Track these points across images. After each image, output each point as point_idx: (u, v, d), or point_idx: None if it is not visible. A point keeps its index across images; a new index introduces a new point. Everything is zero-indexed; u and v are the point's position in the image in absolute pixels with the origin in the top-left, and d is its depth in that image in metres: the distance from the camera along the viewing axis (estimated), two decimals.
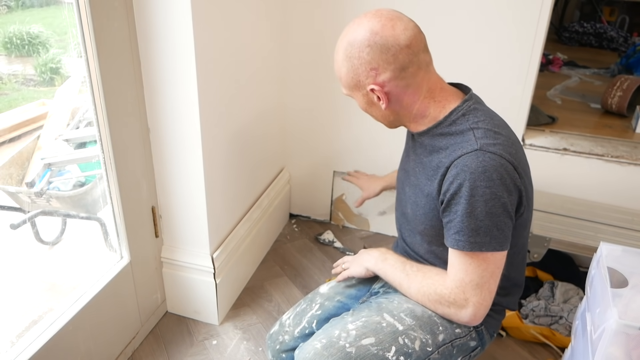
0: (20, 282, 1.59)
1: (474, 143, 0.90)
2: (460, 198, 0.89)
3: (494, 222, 0.89)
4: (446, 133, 0.95)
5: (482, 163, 0.87)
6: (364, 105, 0.99)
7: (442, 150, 0.94)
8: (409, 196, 1.05)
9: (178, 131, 1.35)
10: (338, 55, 0.95)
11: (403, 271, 1.02)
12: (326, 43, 1.84)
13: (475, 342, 1.05)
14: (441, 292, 0.95)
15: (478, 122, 0.93)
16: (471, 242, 0.89)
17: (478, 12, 1.62)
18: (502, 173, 0.88)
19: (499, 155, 0.88)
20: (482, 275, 0.91)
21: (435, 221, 0.98)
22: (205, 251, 1.52)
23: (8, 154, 1.67)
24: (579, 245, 1.58)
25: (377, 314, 1.00)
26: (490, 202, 0.87)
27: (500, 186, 0.87)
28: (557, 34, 3.61)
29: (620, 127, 1.90)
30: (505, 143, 0.91)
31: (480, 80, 1.71)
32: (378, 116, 1.00)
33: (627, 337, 0.91)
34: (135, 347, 1.49)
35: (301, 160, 2.11)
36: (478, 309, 0.92)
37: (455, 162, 0.90)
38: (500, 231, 0.90)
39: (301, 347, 1.01)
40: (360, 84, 0.94)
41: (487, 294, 0.92)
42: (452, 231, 0.91)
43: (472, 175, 0.87)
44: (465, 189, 0.88)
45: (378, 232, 2.12)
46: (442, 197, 0.93)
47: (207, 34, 1.28)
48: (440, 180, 0.93)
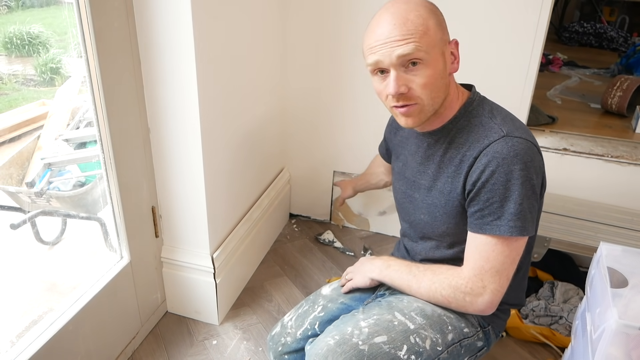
0: (20, 282, 1.59)
1: (499, 130, 0.92)
2: (495, 184, 0.89)
3: (528, 206, 0.90)
4: (464, 127, 0.96)
5: (513, 148, 0.89)
6: (438, 70, 0.90)
7: (463, 145, 0.96)
8: (422, 200, 1.05)
9: (178, 131, 1.35)
10: (417, 12, 0.88)
11: (409, 273, 1.01)
12: (326, 43, 1.84)
13: (482, 342, 1.05)
14: (456, 284, 0.94)
15: (493, 111, 0.97)
16: (511, 227, 0.89)
17: (478, 12, 1.62)
18: (532, 156, 0.90)
19: (525, 139, 0.91)
20: (504, 262, 0.91)
21: (458, 217, 0.98)
22: (205, 251, 1.52)
23: (8, 154, 1.67)
24: (579, 245, 1.58)
25: (388, 312, 1.00)
26: (525, 185, 0.89)
27: (531, 169, 0.89)
28: (557, 34, 3.61)
29: (620, 127, 1.90)
30: (524, 127, 0.95)
31: (480, 80, 1.70)
32: (440, 87, 0.92)
33: (627, 337, 0.91)
34: (135, 347, 1.50)
35: (301, 160, 2.11)
36: (495, 295, 0.92)
37: (485, 151, 0.91)
38: (531, 214, 0.91)
39: (313, 342, 1.00)
40: (445, 38, 0.92)
41: (505, 280, 0.92)
42: (489, 218, 0.91)
43: (505, 161, 0.88)
44: (500, 174, 0.88)
45: (378, 232, 2.12)
46: (470, 188, 0.93)
47: (207, 34, 1.28)
48: (467, 173, 0.93)
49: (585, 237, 1.58)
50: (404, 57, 0.87)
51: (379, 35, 0.89)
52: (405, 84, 0.89)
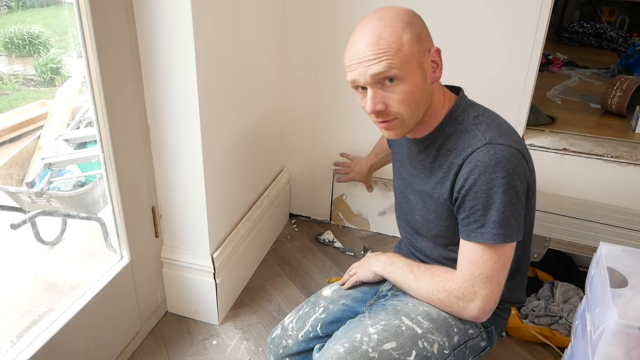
0: (21, 282, 1.59)
1: (482, 138, 0.91)
2: (478, 192, 0.90)
3: (512, 213, 0.90)
4: (451, 133, 0.96)
5: (495, 155, 0.89)
6: (416, 83, 0.90)
7: (451, 152, 0.96)
8: (416, 203, 1.06)
9: (178, 131, 1.35)
10: (391, 28, 0.87)
11: (411, 273, 1.02)
12: (326, 42, 1.84)
13: (485, 342, 1.06)
14: (450, 288, 0.95)
15: (478, 117, 0.96)
16: (494, 235, 0.90)
17: (478, 12, 1.63)
18: (514, 163, 0.90)
19: (508, 145, 0.90)
20: (493, 268, 0.91)
21: (450, 221, 0.99)
22: (205, 251, 1.52)
23: (8, 154, 1.67)
24: (579, 245, 1.58)
25: (395, 317, 1.00)
26: (507, 193, 0.89)
27: (514, 175, 0.89)
28: (557, 34, 3.60)
29: (620, 127, 1.90)
30: (510, 132, 0.94)
31: (480, 80, 1.71)
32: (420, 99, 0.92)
33: (626, 337, 0.91)
34: (135, 347, 1.50)
35: (301, 160, 2.11)
36: (487, 302, 0.92)
37: (468, 159, 0.91)
38: (516, 221, 0.91)
39: (322, 350, 0.99)
40: (422, 49, 0.90)
41: (496, 286, 0.92)
42: (473, 226, 0.92)
43: (487, 169, 0.89)
44: (482, 183, 0.89)
45: (378, 232, 2.12)
46: (456, 195, 0.94)
47: (207, 34, 1.28)
48: (453, 180, 0.94)
49: (585, 237, 1.58)
50: (377, 75, 0.88)
51: (354, 54, 0.90)
52: (382, 101, 0.90)
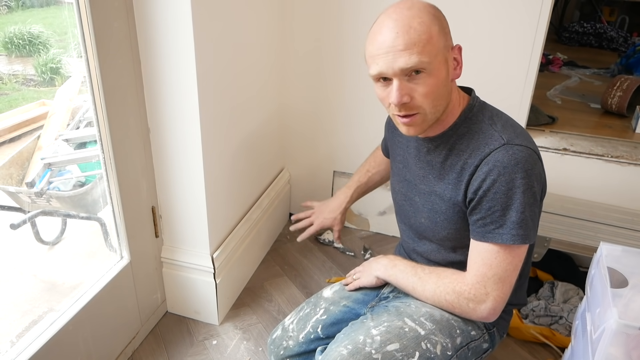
0: (21, 282, 1.59)
1: (499, 138, 0.91)
2: (497, 193, 0.89)
3: (530, 214, 0.90)
4: (464, 133, 0.96)
5: (514, 156, 0.88)
6: (441, 78, 0.88)
7: (464, 152, 0.95)
8: (422, 205, 1.04)
9: (178, 131, 1.35)
10: (420, 18, 0.85)
11: (415, 275, 1.01)
12: (326, 42, 1.84)
13: (488, 344, 1.05)
14: (460, 290, 0.94)
15: (493, 117, 0.96)
16: (513, 235, 0.89)
17: (478, 12, 1.62)
18: (532, 163, 0.90)
19: (525, 146, 0.90)
20: (507, 269, 0.91)
21: (460, 223, 0.98)
22: (205, 251, 1.52)
23: (8, 154, 1.67)
24: (579, 245, 1.58)
25: (398, 319, 0.99)
26: (526, 193, 0.89)
27: (532, 176, 0.89)
28: (557, 34, 3.61)
29: (620, 127, 1.90)
30: (524, 133, 0.94)
31: (480, 80, 1.71)
32: (442, 95, 0.91)
33: (627, 337, 0.91)
34: (135, 347, 1.50)
35: (301, 160, 2.11)
36: (498, 302, 0.92)
37: (486, 159, 0.90)
38: (533, 222, 0.91)
39: (325, 352, 0.99)
40: (447, 45, 0.90)
41: (507, 287, 0.92)
42: (490, 227, 0.91)
43: (506, 170, 0.88)
44: (501, 184, 0.88)
45: (378, 232, 2.12)
46: (471, 196, 0.93)
47: (207, 34, 1.28)
48: (468, 181, 0.93)
49: (585, 237, 1.58)
50: (409, 68, 0.85)
51: (381, 43, 0.86)
52: (408, 93, 0.87)
